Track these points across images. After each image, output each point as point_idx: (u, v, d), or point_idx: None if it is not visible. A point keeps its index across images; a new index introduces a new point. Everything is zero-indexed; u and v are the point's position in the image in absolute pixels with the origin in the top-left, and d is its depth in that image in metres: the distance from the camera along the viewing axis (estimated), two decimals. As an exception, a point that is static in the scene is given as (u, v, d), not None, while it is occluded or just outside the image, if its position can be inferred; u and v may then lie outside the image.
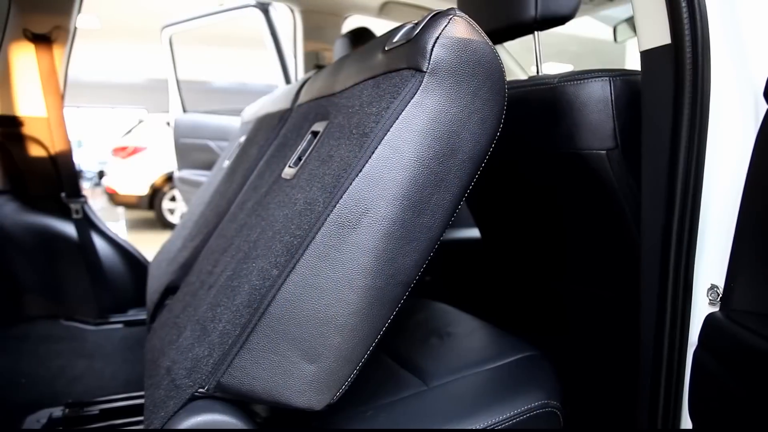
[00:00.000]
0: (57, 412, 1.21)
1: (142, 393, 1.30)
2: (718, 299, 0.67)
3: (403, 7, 2.03)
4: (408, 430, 0.75)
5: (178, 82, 2.88)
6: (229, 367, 0.66)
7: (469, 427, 0.76)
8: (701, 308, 0.69)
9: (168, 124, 6.00)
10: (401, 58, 0.67)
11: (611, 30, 2.23)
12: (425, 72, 0.63)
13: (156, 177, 5.91)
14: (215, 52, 7.91)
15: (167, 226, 6.01)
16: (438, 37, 0.63)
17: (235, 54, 8.32)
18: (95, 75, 10.11)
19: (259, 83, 10.51)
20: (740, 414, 0.53)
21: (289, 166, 0.90)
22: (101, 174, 8.22)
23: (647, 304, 0.75)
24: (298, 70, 2.19)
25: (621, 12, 1.99)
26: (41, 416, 1.19)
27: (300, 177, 0.81)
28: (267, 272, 0.68)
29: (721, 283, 0.67)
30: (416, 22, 0.71)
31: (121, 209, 6.69)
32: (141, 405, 1.25)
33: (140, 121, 6.36)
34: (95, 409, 1.22)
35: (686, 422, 0.70)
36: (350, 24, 2.09)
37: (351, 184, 0.63)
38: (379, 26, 1.82)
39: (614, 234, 0.94)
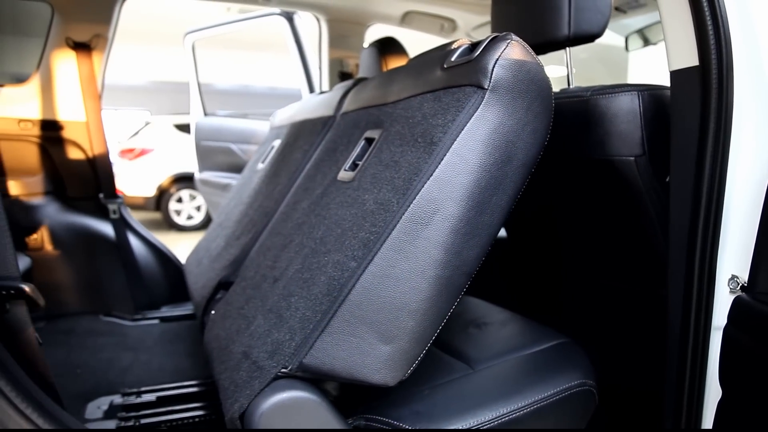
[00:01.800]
0: (116, 399, 1.29)
1: (193, 382, 1.39)
2: (738, 287, 0.76)
3: (423, 16, 2.12)
4: None
5: (199, 85, 2.96)
6: (311, 349, 0.75)
7: (516, 404, 0.85)
8: (723, 296, 0.79)
9: (175, 126, 6.08)
10: (463, 76, 0.77)
11: (620, 38, 2.33)
12: (486, 89, 0.72)
13: (163, 178, 5.99)
14: (216, 54, 7.97)
15: (173, 227, 6.08)
16: (498, 59, 0.72)
17: (235, 56, 8.38)
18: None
19: (261, 86, 10.57)
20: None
21: (345, 170, 0.99)
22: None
23: (674, 293, 0.84)
24: (323, 77, 2.28)
25: (633, 22, 2.08)
26: (101, 403, 1.28)
27: (361, 180, 0.89)
28: (344, 264, 0.77)
29: (740, 274, 0.77)
30: (473, 43, 0.81)
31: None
32: (194, 392, 1.34)
33: (147, 123, 6.43)
34: (152, 397, 1.30)
35: (711, 395, 0.79)
36: (372, 32, 2.18)
37: (423, 186, 0.72)
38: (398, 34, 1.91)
39: (639, 232, 1.03)
